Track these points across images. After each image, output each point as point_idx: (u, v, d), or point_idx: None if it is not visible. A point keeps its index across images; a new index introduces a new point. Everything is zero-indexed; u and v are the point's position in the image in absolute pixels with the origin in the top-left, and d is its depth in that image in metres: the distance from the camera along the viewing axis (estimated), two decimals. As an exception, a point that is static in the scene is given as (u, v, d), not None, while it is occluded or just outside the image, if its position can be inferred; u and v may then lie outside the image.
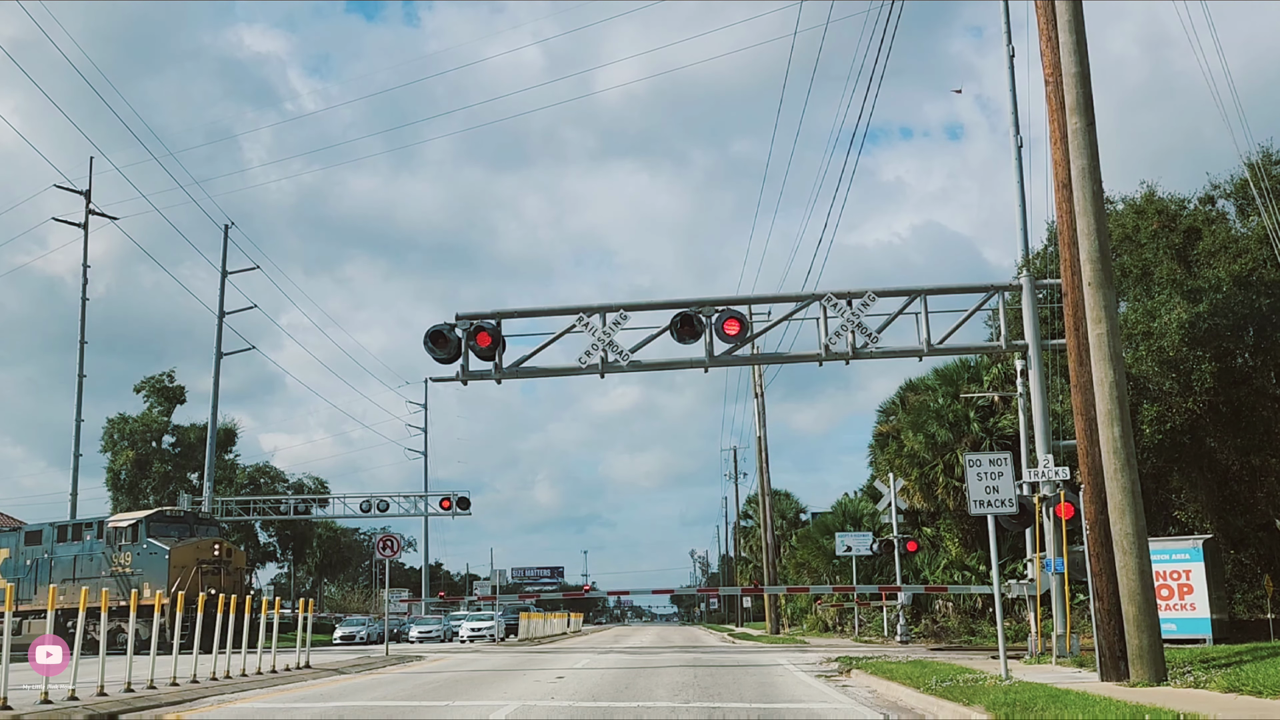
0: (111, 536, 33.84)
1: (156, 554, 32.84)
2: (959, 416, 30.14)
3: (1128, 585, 12.43)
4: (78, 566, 34.35)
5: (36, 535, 36.07)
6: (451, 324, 19.95)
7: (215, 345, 41.11)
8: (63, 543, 35.02)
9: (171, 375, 57.12)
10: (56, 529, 35.74)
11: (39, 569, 35.04)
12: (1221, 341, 22.86)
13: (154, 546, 33.00)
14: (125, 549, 33.39)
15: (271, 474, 61.65)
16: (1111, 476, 12.65)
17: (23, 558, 35.38)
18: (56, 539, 35.21)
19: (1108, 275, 13.12)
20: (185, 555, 32.90)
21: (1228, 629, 21.22)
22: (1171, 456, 23.85)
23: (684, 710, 11.44)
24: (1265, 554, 25.13)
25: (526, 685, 15.08)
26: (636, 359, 19.88)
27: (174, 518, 35.29)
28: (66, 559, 34.67)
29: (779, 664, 18.89)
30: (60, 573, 34.25)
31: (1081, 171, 13.24)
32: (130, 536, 33.45)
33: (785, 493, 66.15)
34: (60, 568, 34.61)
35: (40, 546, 35.51)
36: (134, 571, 32.93)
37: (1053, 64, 14.72)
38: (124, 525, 33.87)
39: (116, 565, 33.48)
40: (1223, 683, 11.24)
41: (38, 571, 34.91)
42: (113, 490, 55.06)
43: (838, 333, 19.47)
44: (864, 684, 14.75)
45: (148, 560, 32.87)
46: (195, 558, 32.86)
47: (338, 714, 12.03)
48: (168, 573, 31.98)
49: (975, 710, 10.09)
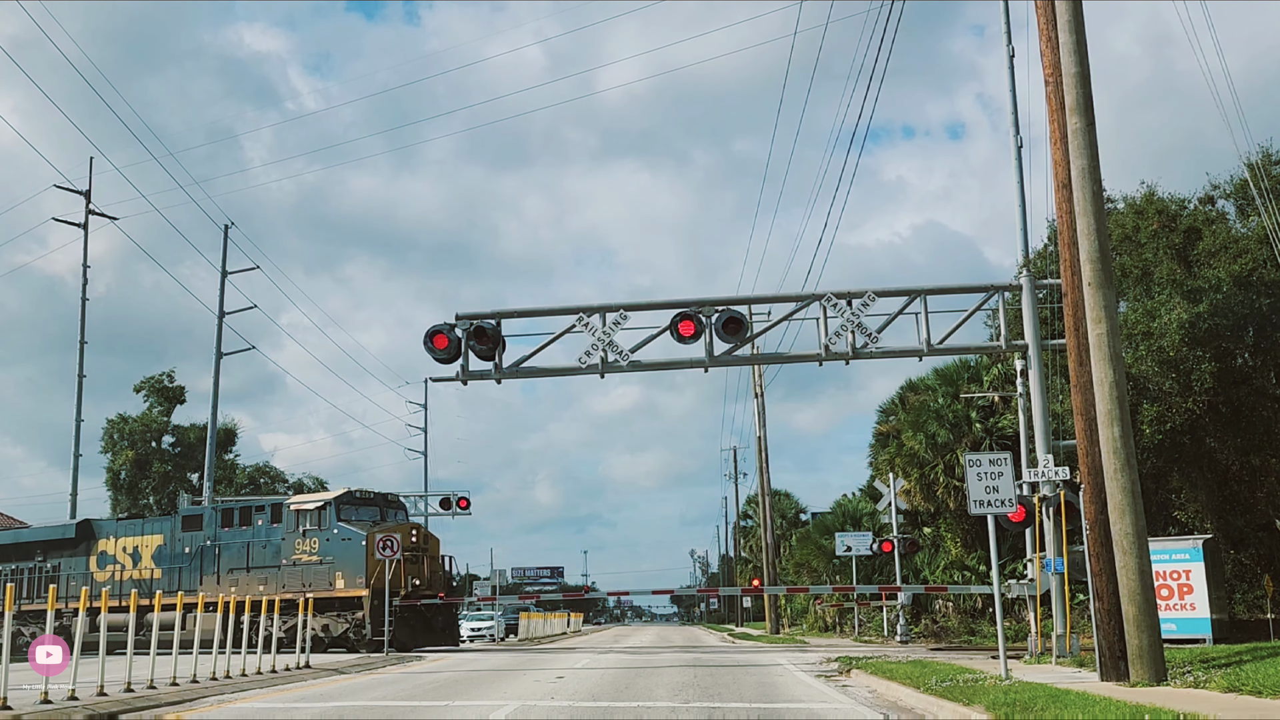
0: (292, 520, 30.30)
1: (351, 540, 29.22)
2: (959, 416, 30.14)
3: (1128, 585, 12.43)
4: (251, 554, 30.85)
5: (195, 520, 32.61)
6: (451, 324, 19.96)
7: (215, 345, 41.10)
8: (228, 528, 31.61)
9: (171, 375, 57.17)
10: (220, 512, 32.54)
11: (203, 557, 31.48)
12: (1221, 341, 22.86)
13: (347, 531, 29.39)
14: (311, 534, 29.83)
15: (272, 474, 61.66)
16: (1111, 476, 12.65)
17: (180, 544, 31.97)
18: (221, 523, 31.85)
19: (1108, 275, 13.12)
20: None
21: (1228, 629, 21.22)
22: (1171, 456, 23.85)
23: (684, 710, 11.44)
24: (1265, 554, 25.14)
25: (526, 685, 15.09)
26: (636, 359, 19.89)
27: (363, 499, 31.29)
28: (235, 546, 31.20)
29: (779, 664, 18.89)
30: (229, 561, 31.06)
31: (1081, 171, 13.24)
32: (316, 520, 29.88)
33: (785, 493, 66.20)
34: (229, 555, 31.21)
35: (201, 532, 32.03)
36: (322, 560, 29.45)
37: (1053, 64, 14.72)
38: (310, 508, 30.31)
39: (300, 553, 29.93)
40: (1223, 683, 11.24)
41: (202, 560, 31.34)
42: (112, 490, 55.09)
43: (838, 333, 19.47)
44: (864, 684, 14.76)
45: (340, 547, 29.29)
46: None
47: (337, 714, 12.04)
48: (366, 562, 28.50)
49: (975, 710, 10.09)
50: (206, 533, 31.91)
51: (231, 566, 31.01)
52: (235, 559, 31.09)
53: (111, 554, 33.67)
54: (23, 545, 35.17)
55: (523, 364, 20.46)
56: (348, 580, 28.84)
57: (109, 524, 34.67)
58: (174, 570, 32.01)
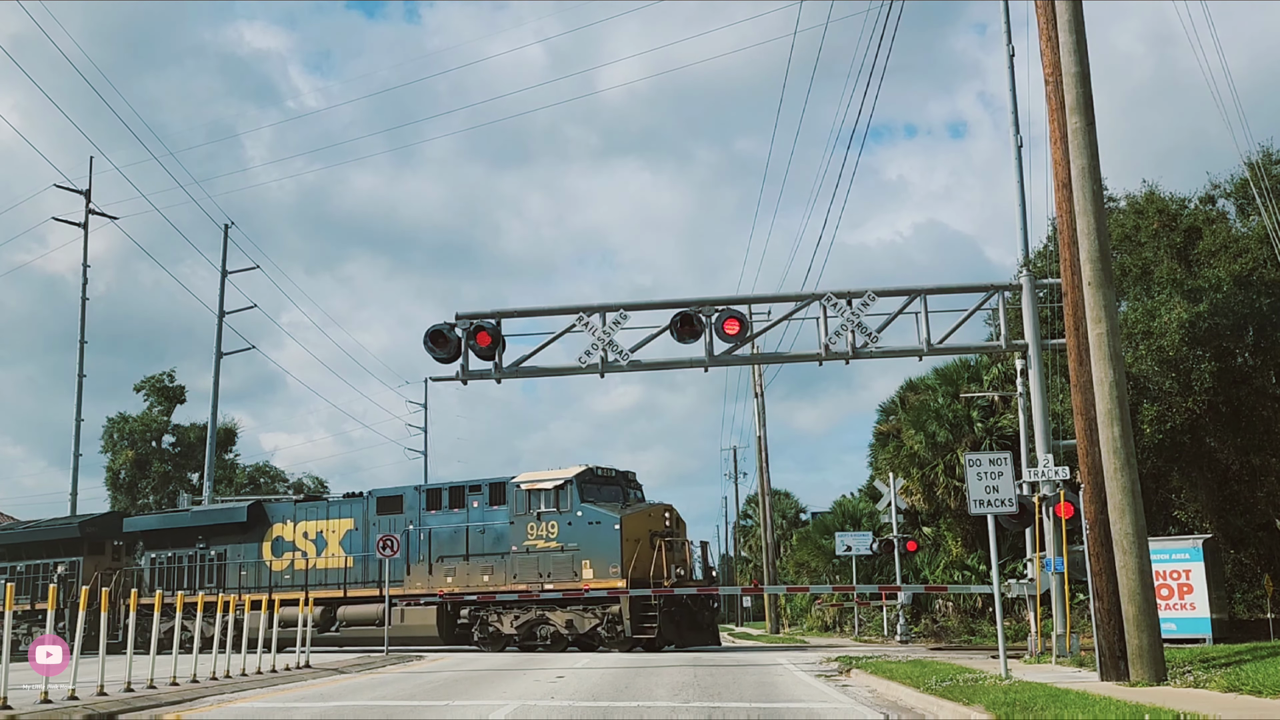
0: (522, 501, 26.38)
1: (602, 523, 25.34)
2: (959, 416, 30.16)
3: (1128, 585, 12.43)
4: (469, 541, 27.17)
5: (394, 502, 28.82)
6: (451, 323, 19.96)
7: (215, 345, 41.12)
8: (435, 511, 27.87)
9: (172, 375, 57.17)
10: (424, 494, 28.55)
11: (409, 544, 27.72)
12: (1221, 341, 22.88)
13: (596, 513, 25.49)
14: (548, 517, 26.00)
15: (272, 474, 61.66)
16: (1111, 476, 12.65)
17: (376, 529, 28.32)
18: (425, 506, 28.06)
19: (1108, 275, 13.12)
20: (637, 526, 25.57)
21: (1228, 629, 21.23)
22: (1171, 456, 23.86)
23: (684, 709, 11.44)
24: (1265, 554, 25.15)
25: (526, 685, 15.09)
26: (636, 359, 19.89)
27: (605, 477, 27.29)
28: (446, 532, 27.51)
29: (779, 663, 18.89)
30: (441, 548, 27.45)
31: (1081, 171, 13.24)
32: (553, 501, 25.96)
33: (785, 492, 66.18)
34: (440, 542, 27.50)
35: (401, 515, 28.38)
36: (563, 546, 25.60)
37: (1052, 63, 14.72)
38: (545, 487, 26.20)
39: (534, 538, 26.03)
40: (1222, 682, 11.24)
41: (408, 547, 27.64)
42: (112, 490, 55.10)
43: (838, 332, 19.47)
44: (864, 683, 14.75)
45: (587, 532, 25.39)
46: (647, 529, 25.76)
47: (337, 714, 12.04)
48: (621, 548, 24.75)
49: (975, 710, 10.08)
50: (408, 516, 28.29)
51: (443, 554, 27.41)
52: (448, 546, 27.45)
53: (290, 540, 30.25)
54: (181, 531, 32.05)
55: (523, 364, 20.46)
56: (598, 570, 24.95)
57: (285, 506, 31.41)
58: (367, 559, 28.47)
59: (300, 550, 30.02)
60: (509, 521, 26.66)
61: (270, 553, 30.44)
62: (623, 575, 24.61)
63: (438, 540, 27.62)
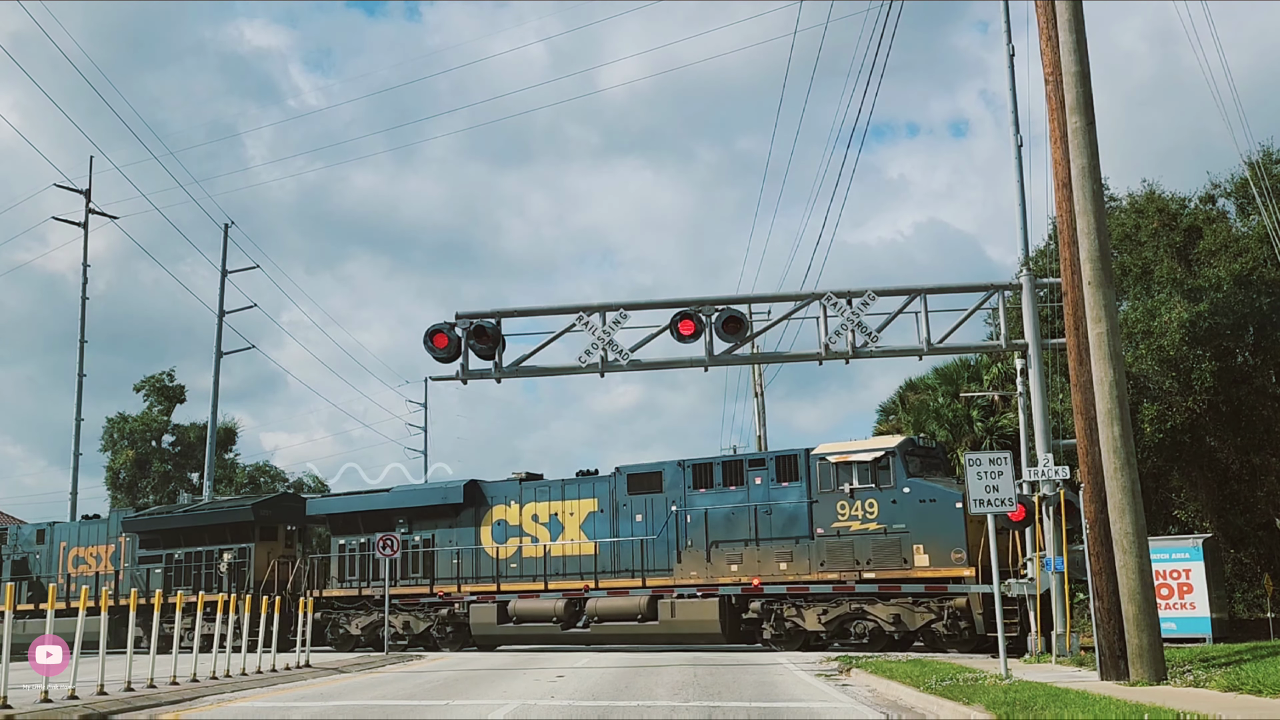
0: (828, 477, 22.30)
1: (939, 501, 21.24)
2: (959, 416, 30.14)
3: (1128, 584, 12.44)
4: (756, 523, 23.08)
5: (650, 479, 24.80)
6: (451, 323, 19.96)
7: (215, 344, 41.11)
8: (705, 489, 23.84)
9: (171, 374, 57.09)
10: (689, 469, 24.24)
11: (676, 527, 24.01)
12: (1222, 340, 22.89)
13: (928, 489, 21.47)
14: (863, 495, 21.87)
15: (272, 473, 61.59)
16: (1111, 476, 12.65)
17: (626, 511, 24.91)
18: (692, 483, 24.08)
19: (1108, 274, 13.12)
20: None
21: (1228, 628, 21.23)
22: (1171, 456, 23.88)
23: (684, 709, 11.44)
24: (1265, 553, 25.16)
25: (526, 684, 15.09)
26: (636, 358, 19.89)
27: (926, 449, 23.50)
28: (721, 512, 23.55)
29: (778, 663, 18.88)
30: (716, 531, 23.50)
31: (1081, 171, 13.24)
32: (870, 476, 21.84)
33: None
34: (716, 525, 23.55)
35: (661, 495, 24.48)
36: (887, 529, 21.59)
37: (1053, 63, 14.72)
38: (863, 459, 22.03)
39: (846, 520, 22.14)
40: (1223, 682, 11.23)
41: (677, 530, 23.99)
42: (112, 489, 55.08)
43: (838, 332, 19.47)
44: (864, 683, 14.75)
45: (918, 512, 21.37)
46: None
47: (337, 713, 12.04)
48: (965, 531, 20.71)
49: (975, 709, 10.08)
50: (670, 495, 24.32)
51: (718, 539, 23.46)
52: (724, 529, 23.49)
53: (515, 524, 26.44)
54: (377, 514, 28.09)
55: (523, 363, 20.46)
56: (935, 556, 21.03)
57: (507, 486, 27.18)
58: (617, 544, 24.96)
59: (530, 535, 26.19)
60: (808, 500, 22.54)
61: (490, 538, 26.60)
62: (969, 563, 20.59)
63: (714, 522, 23.64)
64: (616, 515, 25.19)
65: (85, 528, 33.35)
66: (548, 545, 25.78)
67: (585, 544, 25.40)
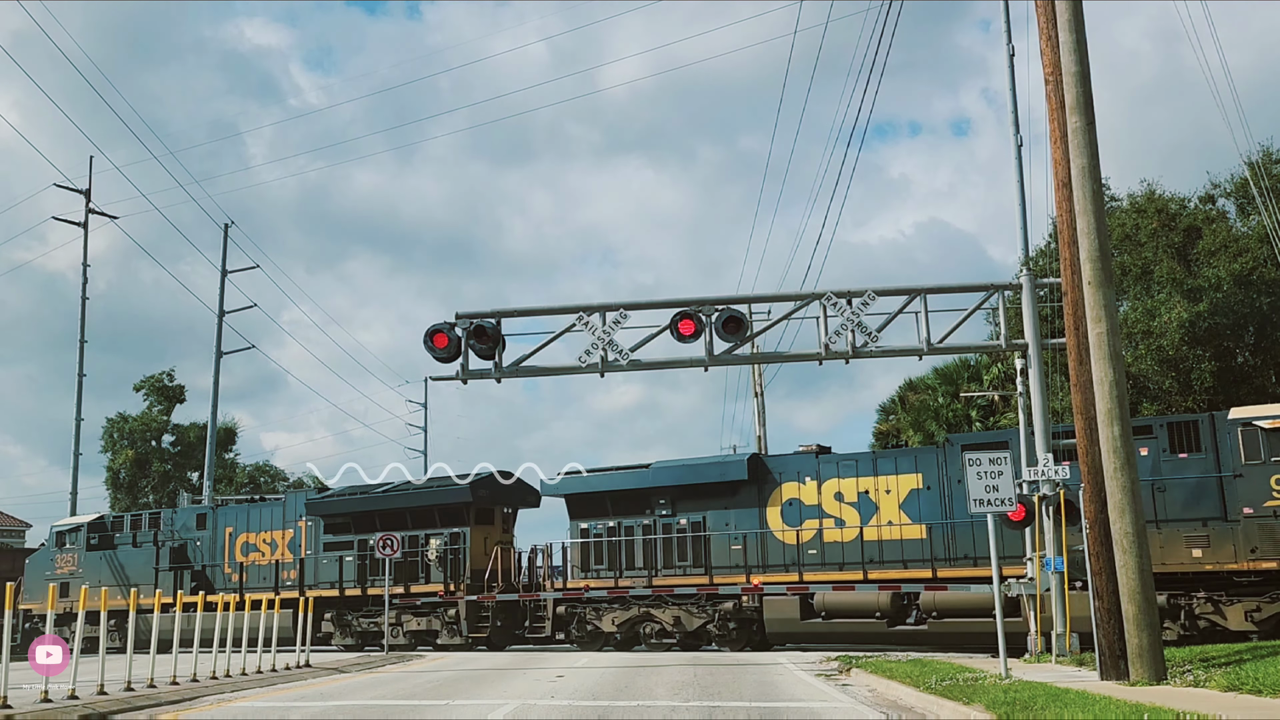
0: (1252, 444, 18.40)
1: None
2: (959, 415, 30.17)
3: (1127, 584, 12.44)
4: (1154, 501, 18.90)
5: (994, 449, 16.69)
6: (451, 323, 19.96)
7: (215, 344, 41.12)
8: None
9: (171, 374, 57.10)
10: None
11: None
12: (1221, 340, 22.90)
13: None
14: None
15: (272, 473, 61.63)
16: (1111, 475, 12.66)
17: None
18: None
19: (1108, 274, 13.12)
20: None
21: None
22: (1171, 456, 23.83)
23: (684, 709, 11.44)
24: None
25: (526, 684, 15.09)
26: (636, 358, 19.88)
27: None
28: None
29: (778, 663, 18.89)
30: None
31: (1081, 170, 13.24)
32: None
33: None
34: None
35: (941, 472, 21.69)
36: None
37: (1053, 63, 14.72)
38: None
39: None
40: (1223, 681, 11.23)
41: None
42: (112, 489, 55.09)
43: (838, 332, 19.46)
44: (864, 683, 14.75)
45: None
46: None
47: (337, 713, 12.04)
48: None
49: (975, 709, 10.08)
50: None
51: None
52: None
53: (813, 503, 22.98)
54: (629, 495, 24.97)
55: (523, 363, 20.45)
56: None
57: (800, 459, 23.69)
58: (951, 527, 21.41)
59: (832, 516, 22.73)
60: (1234, 474, 18.65)
61: (780, 520, 23.22)
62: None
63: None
64: (950, 493, 21.42)
65: (256, 510, 30.09)
66: (859, 526, 22.32)
67: (909, 526, 21.89)
